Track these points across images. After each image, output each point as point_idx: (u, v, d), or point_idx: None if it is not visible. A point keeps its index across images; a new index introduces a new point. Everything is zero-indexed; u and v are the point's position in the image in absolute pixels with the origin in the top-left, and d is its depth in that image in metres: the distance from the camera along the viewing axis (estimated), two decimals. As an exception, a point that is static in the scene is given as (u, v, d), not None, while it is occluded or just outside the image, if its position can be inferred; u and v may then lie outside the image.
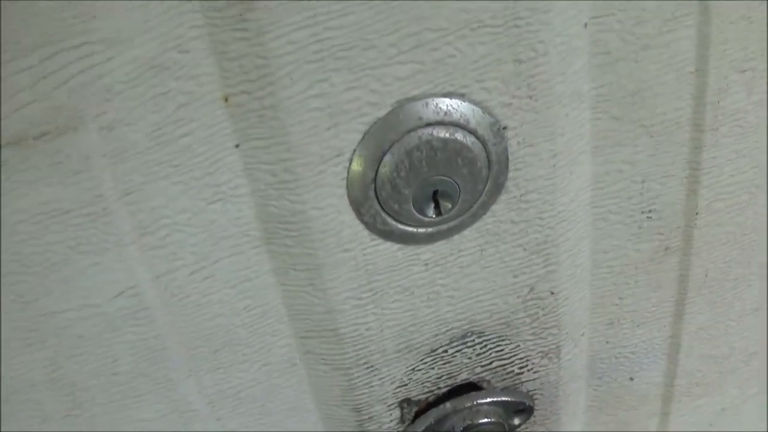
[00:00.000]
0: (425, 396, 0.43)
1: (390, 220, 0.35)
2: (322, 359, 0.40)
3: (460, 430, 0.42)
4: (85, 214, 0.32)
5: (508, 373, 0.43)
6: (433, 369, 0.42)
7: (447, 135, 0.33)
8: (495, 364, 0.43)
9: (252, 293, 0.38)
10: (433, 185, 0.35)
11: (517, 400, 0.43)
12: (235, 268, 0.36)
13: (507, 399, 0.43)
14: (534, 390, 0.44)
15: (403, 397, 0.42)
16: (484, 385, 0.43)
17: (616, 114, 0.36)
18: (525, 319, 0.41)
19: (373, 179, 0.34)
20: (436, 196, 0.35)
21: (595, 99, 0.36)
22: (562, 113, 0.35)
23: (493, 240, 0.38)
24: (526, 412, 0.45)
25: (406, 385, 0.42)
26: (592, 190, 0.39)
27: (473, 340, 0.41)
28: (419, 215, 0.35)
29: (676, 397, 0.49)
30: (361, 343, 0.39)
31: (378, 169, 0.34)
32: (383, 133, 0.33)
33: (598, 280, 0.42)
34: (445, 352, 0.41)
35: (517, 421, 0.45)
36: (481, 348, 0.42)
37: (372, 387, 0.41)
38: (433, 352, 0.41)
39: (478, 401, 0.42)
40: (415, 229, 0.36)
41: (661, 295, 0.44)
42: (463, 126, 0.33)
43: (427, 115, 0.33)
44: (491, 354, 0.42)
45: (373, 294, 0.38)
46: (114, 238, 0.33)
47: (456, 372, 0.42)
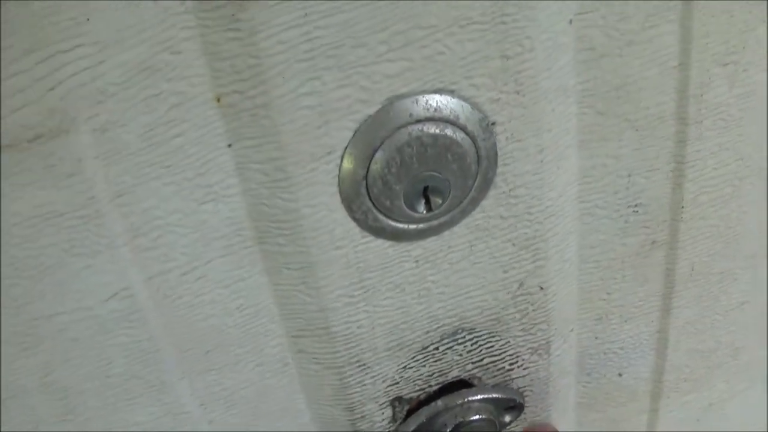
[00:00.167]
0: (417, 394, 0.43)
1: (381, 217, 0.36)
2: (314, 358, 0.40)
3: (451, 427, 0.42)
4: (79, 216, 0.32)
5: (498, 369, 0.43)
6: (424, 366, 0.42)
7: (437, 131, 0.34)
8: (486, 361, 0.43)
9: (244, 293, 0.38)
10: (423, 181, 0.35)
11: (508, 397, 0.43)
12: (227, 268, 0.37)
13: (498, 396, 0.43)
14: (524, 387, 0.45)
15: (395, 395, 0.42)
16: (475, 382, 0.43)
17: (601, 109, 0.37)
18: (515, 315, 0.42)
19: (365, 176, 0.34)
20: (426, 192, 0.35)
21: (581, 94, 0.36)
22: (548, 108, 0.35)
23: (483, 235, 0.38)
24: (516, 409, 0.45)
25: (397, 383, 0.42)
26: (579, 184, 0.39)
27: (464, 337, 0.42)
28: (410, 211, 0.36)
29: (665, 393, 0.50)
30: (353, 341, 0.39)
31: (369, 166, 0.34)
32: (374, 130, 0.33)
33: (585, 275, 0.43)
34: (436, 349, 0.42)
35: (508, 418, 0.46)
36: (471, 345, 0.42)
37: (364, 386, 0.41)
38: (424, 349, 0.41)
39: (469, 398, 0.43)
40: (406, 226, 0.36)
41: (648, 290, 0.45)
42: (452, 122, 0.34)
43: (417, 112, 0.33)
44: (482, 351, 0.42)
45: (365, 291, 0.38)
46: (107, 240, 0.33)
47: (447, 369, 0.43)
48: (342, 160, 0.34)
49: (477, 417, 0.42)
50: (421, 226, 0.37)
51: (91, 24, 0.29)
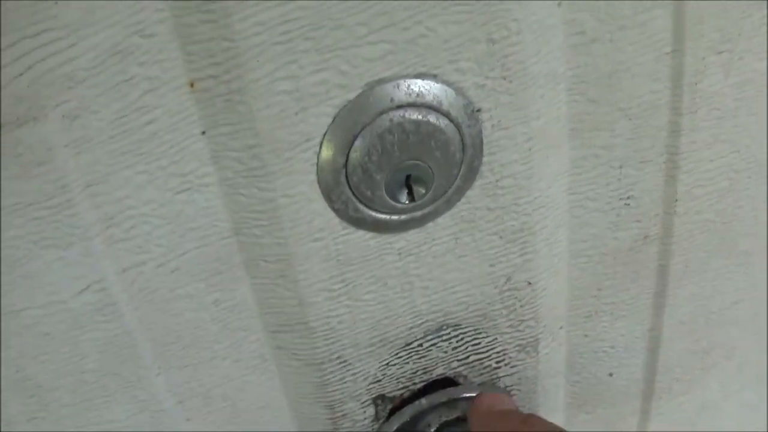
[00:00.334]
0: (400, 392, 0.42)
1: (362, 207, 0.34)
2: (294, 354, 0.39)
3: (435, 427, 0.41)
4: (49, 206, 0.31)
5: (485, 367, 0.42)
6: (407, 364, 0.41)
7: (419, 117, 0.33)
8: (472, 359, 0.42)
9: (221, 287, 0.36)
10: (406, 170, 0.34)
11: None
12: (203, 260, 0.35)
13: (485, 395, 0.42)
14: (512, 385, 0.43)
15: (377, 393, 0.41)
16: (461, 380, 0.42)
17: (592, 96, 0.36)
18: (502, 311, 0.40)
19: (344, 164, 0.33)
20: (409, 182, 0.34)
21: (571, 80, 0.35)
22: (537, 95, 0.34)
23: (468, 228, 0.37)
24: (504, 408, 0.44)
25: (380, 380, 0.41)
26: (569, 175, 0.38)
27: (449, 333, 0.40)
28: (392, 201, 0.34)
29: (657, 393, 0.48)
30: (333, 336, 0.38)
31: (349, 153, 0.33)
32: (353, 116, 0.32)
33: (576, 271, 0.42)
34: (420, 345, 0.40)
35: (496, 417, 0.44)
36: (457, 341, 0.41)
37: (345, 383, 0.40)
38: (407, 345, 0.40)
39: (454, 397, 0.41)
40: (388, 217, 0.35)
41: (640, 287, 0.43)
42: (435, 108, 0.33)
43: (398, 97, 0.32)
44: (467, 348, 0.41)
45: (345, 285, 0.37)
46: (79, 231, 0.32)
47: (431, 367, 0.41)
48: (320, 148, 0.33)
49: (462, 416, 0.41)
50: (403, 217, 0.35)
51: (59, 7, 0.27)
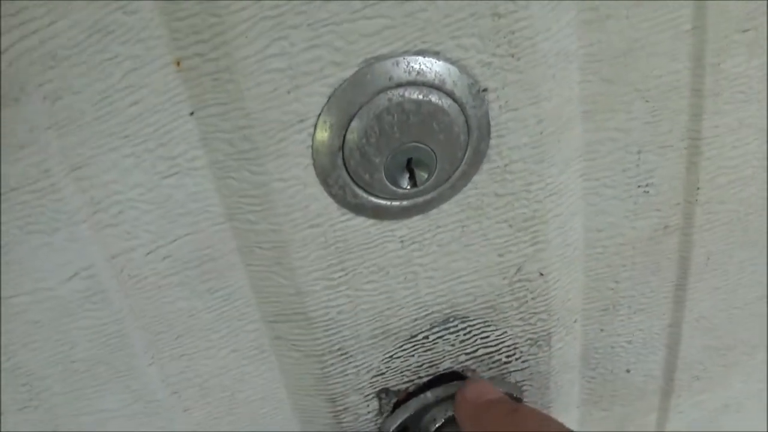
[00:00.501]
0: (405, 386, 0.40)
1: (361, 192, 0.33)
2: (293, 345, 0.37)
3: (441, 421, 0.39)
4: (33, 191, 0.30)
5: (494, 361, 0.40)
6: (412, 356, 0.39)
7: (420, 97, 0.31)
8: (480, 352, 0.40)
9: (215, 274, 0.35)
10: (406, 153, 0.32)
11: (504, 391, 0.40)
12: (195, 247, 0.34)
13: (494, 389, 0.40)
14: (523, 381, 0.41)
15: (381, 386, 0.39)
16: (469, 374, 0.40)
17: (607, 76, 0.33)
18: (512, 303, 0.38)
19: (340, 147, 0.31)
20: (410, 165, 0.32)
21: (584, 59, 0.33)
22: (548, 74, 0.32)
23: (475, 215, 0.35)
24: (515, 404, 0.42)
25: (383, 373, 0.39)
26: (583, 160, 0.36)
27: (456, 326, 0.38)
28: (393, 186, 0.32)
29: (676, 391, 0.46)
30: (333, 327, 0.37)
31: (345, 135, 0.31)
32: (350, 95, 0.30)
33: (591, 261, 0.39)
34: (426, 338, 0.38)
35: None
36: (464, 334, 0.39)
37: (347, 375, 0.38)
38: (412, 338, 0.38)
39: (461, 391, 0.39)
40: (389, 202, 0.33)
41: (660, 279, 0.41)
42: (438, 87, 0.31)
43: (397, 75, 0.30)
44: (476, 341, 0.39)
45: (345, 274, 0.35)
46: (64, 216, 0.31)
47: (438, 360, 0.39)
48: (315, 129, 0.31)
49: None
50: (405, 203, 0.33)
51: (37, -16, 0.26)
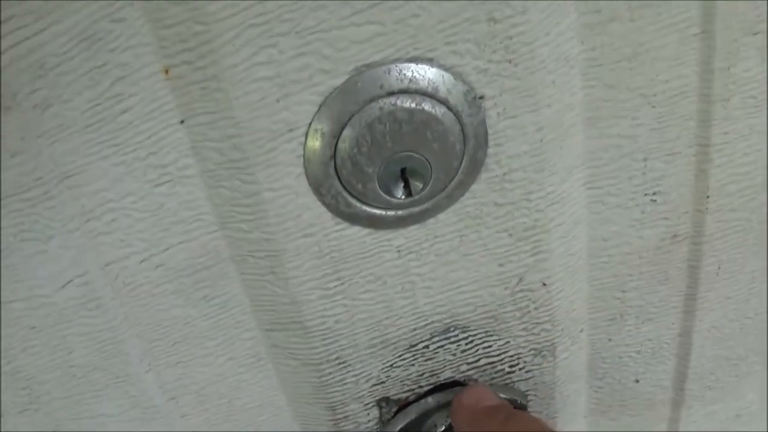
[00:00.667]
0: (405, 395, 0.39)
1: (354, 202, 0.32)
2: (290, 353, 0.37)
3: (443, 427, 0.38)
4: (25, 199, 0.30)
5: (497, 371, 0.39)
6: (413, 366, 0.38)
7: (413, 105, 0.30)
8: (482, 362, 0.39)
9: (210, 282, 0.35)
10: (400, 162, 0.31)
11: (509, 398, 0.39)
12: (189, 255, 0.34)
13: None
14: (527, 390, 0.40)
15: (381, 395, 0.39)
16: (471, 384, 0.39)
17: (610, 81, 0.32)
18: (514, 313, 0.37)
19: (332, 156, 0.30)
20: (404, 175, 0.31)
21: (586, 64, 0.32)
22: (547, 80, 0.31)
23: (474, 224, 0.34)
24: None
25: (383, 382, 0.38)
26: (587, 168, 0.35)
27: (457, 336, 0.38)
28: (386, 196, 0.32)
29: (687, 402, 0.45)
30: (330, 336, 0.36)
31: (337, 144, 0.30)
32: (340, 104, 0.29)
33: (596, 271, 0.38)
34: (426, 347, 0.38)
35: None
36: (466, 344, 0.38)
37: (345, 384, 0.38)
38: (412, 347, 0.38)
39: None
40: (384, 212, 0.32)
41: (669, 289, 0.40)
42: (431, 95, 0.30)
43: (389, 83, 0.29)
44: (478, 350, 0.38)
45: (341, 283, 0.34)
46: (57, 224, 0.31)
47: (439, 369, 0.39)
48: (306, 138, 0.30)
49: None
50: (400, 212, 0.33)
51: (25, -9, 0.26)
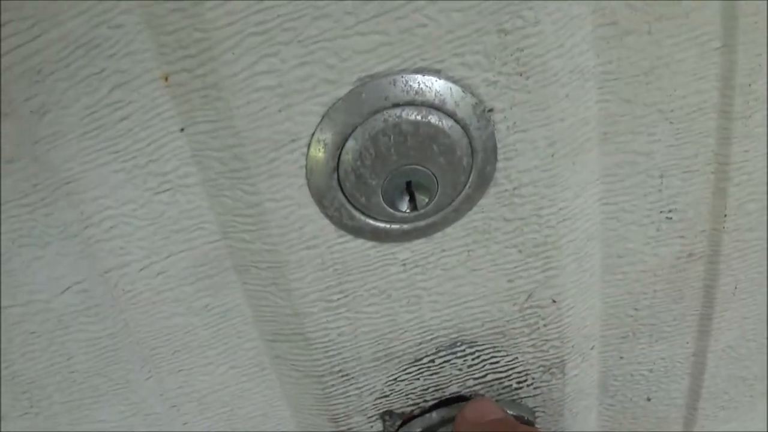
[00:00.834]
0: (410, 408, 0.38)
1: (358, 215, 0.31)
2: (293, 365, 0.36)
3: None
4: (23, 204, 0.30)
5: (504, 387, 0.38)
6: (418, 380, 0.37)
7: (418, 118, 0.29)
8: (489, 377, 0.38)
9: (211, 291, 0.34)
10: (405, 175, 0.30)
11: (515, 414, 0.38)
12: (190, 264, 0.33)
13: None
14: (535, 407, 0.39)
15: (385, 408, 0.38)
16: (475, 397, 0.38)
17: (627, 96, 0.31)
18: (523, 330, 0.36)
19: (335, 168, 0.30)
20: (410, 188, 0.30)
21: (602, 78, 0.30)
22: (560, 94, 0.30)
23: (482, 239, 0.33)
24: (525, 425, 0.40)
25: (387, 396, 0.37)
26: (601, 184, 0.34)
27: (463, 351, 0.37)
28: (391, 209, 0.31)
29: (699, 421, 0.44)
30: (333, 349, 0.35)
31: (340, 156, 0.29)
32: (344, 115, 0.28)
33: (610, 288, 0.37)
34: (432, 362, 0.37)
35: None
36: (473, 359, 0.37)
37: (348, 397, 0.37)
38: (417, 361, 0.37)
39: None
40: (388, 225, 0.32)
41: (683, 308, 0.38)
42: (438, 107, 0.29)
43: (394, 95, 0.28)
44: (485, 366, 0.37)
45: (345, 296, 0.34)
46: (55, 231, 0.31)
47: (444, 384, 0.38)
48: (309, 149, 0.29)
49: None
50: (405, 226, 0.32)
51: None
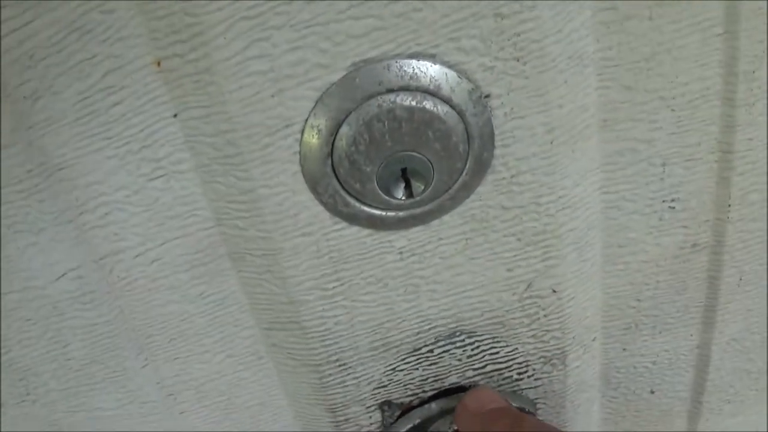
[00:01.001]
0: (408, 399, 0.38)
1: (353, 202, 0.31)
2: (289, 354, 0.36)
3: None
4: (17, 191, 0.30)
5: (504, 378, 0.38)
6: (416, 370, 0.37)
7: (413, 103, 0.28)
8: (489, 368, 0.37)
9: (207, 279, 0.34)
10: (400, 162, 0.30)
11: (516, 405, 0.38)
12: (185, 251, 0.33)
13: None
14: (536, 399, 0.39)
15: (383, 398, 0.38)
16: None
17: (627, 82, 0.30)
18: (523, 320, 0.36)
19: (329, 154, 0.29)
20: (405, 175, 0.30)
21: (602, 63, 0.30)
22: (559, 79, 0.29)
23: (480, 228, 0.33)
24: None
25: (385, 386, 0.37)
26: (602, 172, 0.33)
27: (462, 341, 0.36)
28: (386, 196, 0.30)
29: (704, 414, 0.43)
30: (329, 338, 0.35)
31: (334, 142, 0.29)
32: (338, 100, 0.28)
33: (611, 278, 0.36)
34: (431, 352, 0.36)
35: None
36: (472, 349, 0.37)
37: (346, 387, 0.37)
38: (416, 351, 0.36)
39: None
40: (384, 213, 0.31)
41: (687, 299, 0.38)
42: (433, 93, 0.28)
43: (388, 80, 0.28)
44: (484, 356, 0.37)
45: (341, 284, 0.33)
46: (49, 217, 0.31)
47: (444, 374, 0.37)
48: (302, 135, 0.29)
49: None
50: (401, 213, 0.31)
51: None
